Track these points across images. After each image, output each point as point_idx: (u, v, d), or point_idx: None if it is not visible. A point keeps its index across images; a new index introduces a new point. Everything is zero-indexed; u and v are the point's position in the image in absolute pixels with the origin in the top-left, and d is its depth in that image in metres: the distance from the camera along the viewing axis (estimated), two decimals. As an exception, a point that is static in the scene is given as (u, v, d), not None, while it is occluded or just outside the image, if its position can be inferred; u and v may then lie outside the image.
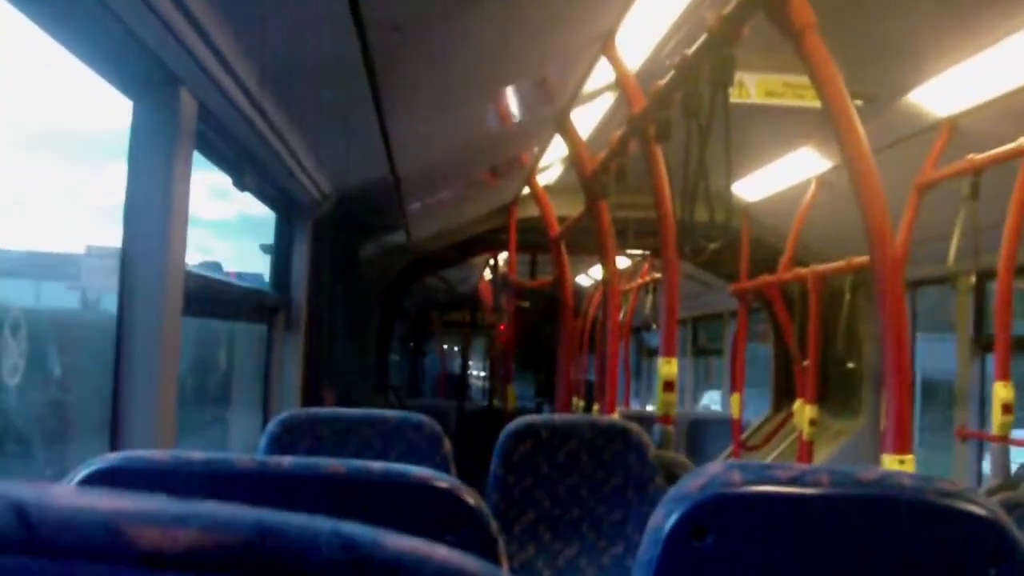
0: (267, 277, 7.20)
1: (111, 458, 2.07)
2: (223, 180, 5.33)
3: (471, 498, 2.08)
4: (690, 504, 1.95)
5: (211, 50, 3.64)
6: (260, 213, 6.61)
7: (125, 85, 3.73)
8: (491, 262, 15.69)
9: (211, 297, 5.31)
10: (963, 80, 6.05)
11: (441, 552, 0.71)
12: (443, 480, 2.10)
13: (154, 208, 3.80)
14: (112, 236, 3.89)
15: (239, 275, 6.93)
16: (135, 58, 3.48)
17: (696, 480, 1.99)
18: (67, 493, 0.67)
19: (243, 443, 6.97)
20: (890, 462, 4.17)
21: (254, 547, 0.66)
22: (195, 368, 6.54)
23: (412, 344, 23.42)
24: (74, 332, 4.68)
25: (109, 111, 4.04)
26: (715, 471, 2.00)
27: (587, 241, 9.83)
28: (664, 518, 1.97)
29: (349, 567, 0.67)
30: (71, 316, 4.92)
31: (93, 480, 2.01)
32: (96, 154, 4.93)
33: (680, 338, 7.86)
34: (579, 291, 16.26)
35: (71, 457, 4.50)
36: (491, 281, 15.93)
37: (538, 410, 18.31)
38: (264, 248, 7.64)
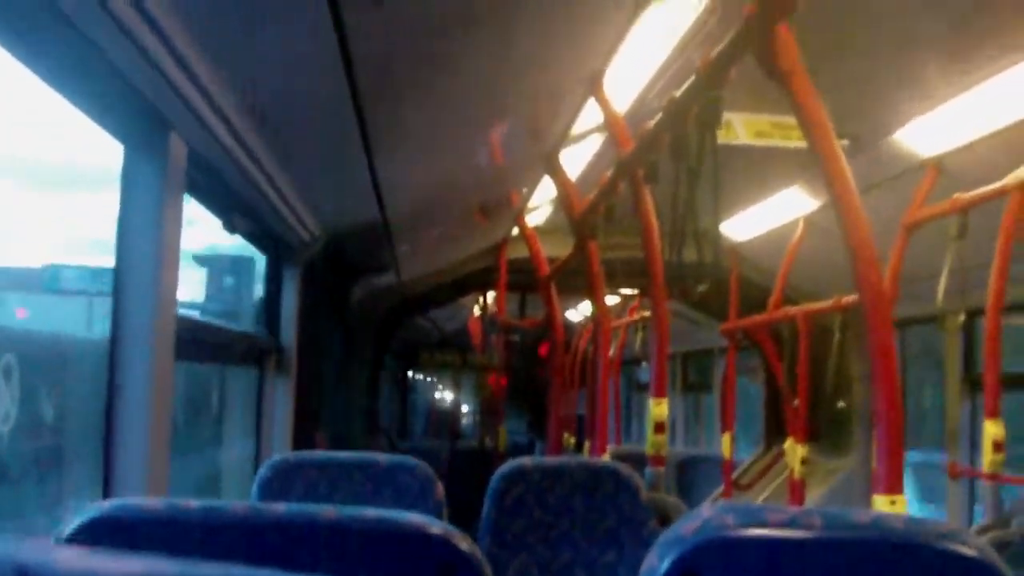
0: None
1: (105, 507, 2.07)
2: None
3: (464, 544, 2.08)
4: (683, 548, 1.96)
5: (201, 95, 3.65)
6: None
7: (116, 129, 3.74)
8: (480, 301, 15.71)
9: (202, 340, 5.31)
10: (949, 120, 6.08)
11: None
12: (436, 527, 2.10)
13: (145, 252, 3.80)
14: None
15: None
16: (126, 103, 3.50)
17: (689, 524, 1.99)
18: (68, 555, 0.67)
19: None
20: (881, 503, 4.17)
21: None
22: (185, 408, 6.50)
23: (401, 384, 23.34)
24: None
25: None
26: (708, 514, 2.00)
27: (577, 281, 9.84)
28: (658, 561, 1.97)
29: None
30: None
31: (87, 529, 2.01)
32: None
33: (669, 373, 7.86)
34: (568, 327, 16.26)
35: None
36: (480, 319, 15.93)
37: (530, 447, 18.25)
38: (198, 259, 7.51)
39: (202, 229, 5.29)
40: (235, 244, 6.55)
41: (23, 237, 4.83)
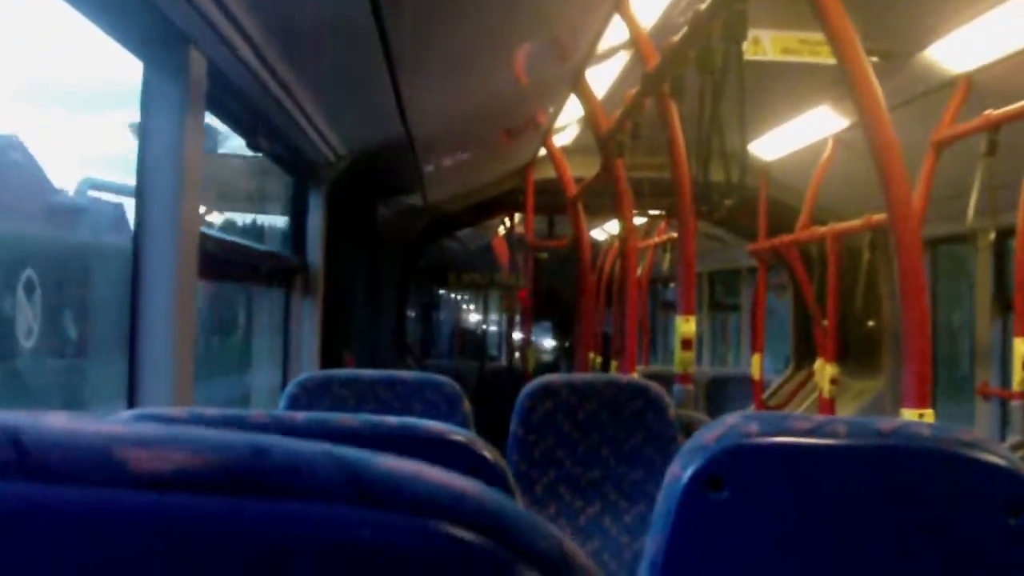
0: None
1: (125, 415, 2.07)
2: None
3: (487, 452, 2.06)
4: (707, 456, 1.93)
5: (220, 8, 3.62)
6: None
7: (134, 44, 3.72)
8: (506, 221, 15.70)
9: (227, 259, 5.31)
10: (980, 35, 6.00)
11: (435, 472, 0.71)
12: (459, 433, 2.08)
13: (166, 168, 3.80)
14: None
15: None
16: (143, 16, 3.48)
17: (713, 431, 1.97)
18: (61, 420, 0.67)
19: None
20: (909, 416, 4.17)
21: (247, 468, 0.67)
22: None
23: (427, 303, 23.28)
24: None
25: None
26: (732, 422, 1.98)
27: (604, 201, 9.82)
28: (681, 470, 1.95)
29: (344, 485, 0.68)
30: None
31: None
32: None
33: (696, 293, 7.86)
34: (594, 246, 16.26)
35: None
36: (506, 238, 15.92)
37: (555, 366, 18.28)
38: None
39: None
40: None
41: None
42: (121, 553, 0.65)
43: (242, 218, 7.35)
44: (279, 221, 7.46)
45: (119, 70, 3.86)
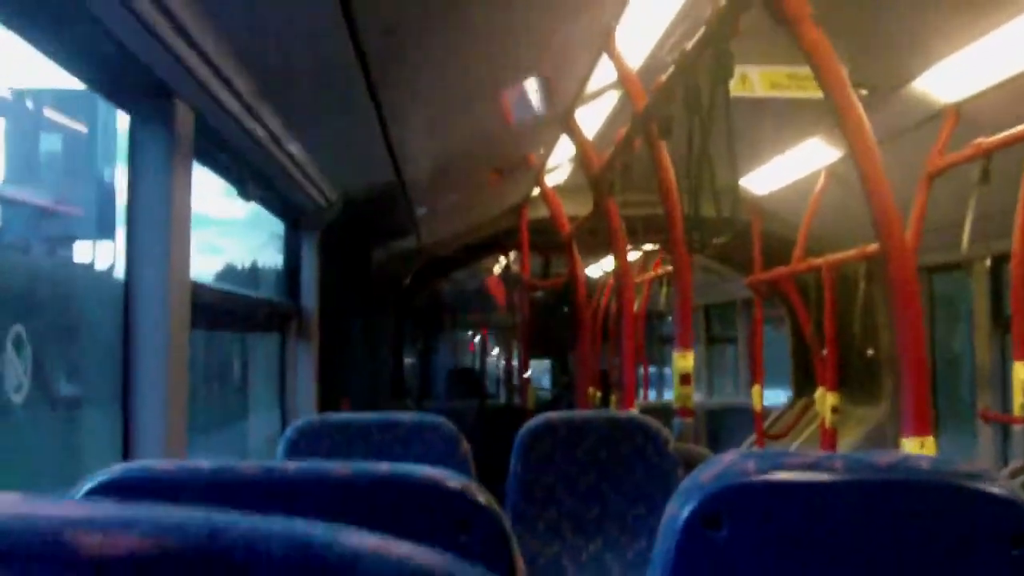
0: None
1: (116, 469, 2.06)
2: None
3: (482, 496, 2.04)
4: (704, 495, 1.93)
5: (203, 59, 3.62)
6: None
7: (119, 98, 3.73)
8: (501, 260, 15.71)
9: (221, 308, 5.30)
10: (968, 65, 6.02)
11: (401, 548, 0.69)
12: (452, 479, 2.07)
13: (155, 221, 3.80)
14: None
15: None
16: (127, 70, 3.48)
17: (710, 470, 1.97)
18: (8, 500, 0.66)
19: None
20: (910, 445, 4.18)
21: (201, 550, 0.66)
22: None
23: (424, 344, 23.15)
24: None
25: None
26: (729, 460, 1.97)
27: (599, 238, 9.84)
28: (679, 509, 1.95)
29: (301, 567, 0.67)
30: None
31: (97, 492, 2.00)
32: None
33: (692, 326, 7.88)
34: (590, 282, 16.29)
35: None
36: (501, 277, 15.93)
37: (555, 402, 18.24)
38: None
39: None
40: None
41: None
42: None
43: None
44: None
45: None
